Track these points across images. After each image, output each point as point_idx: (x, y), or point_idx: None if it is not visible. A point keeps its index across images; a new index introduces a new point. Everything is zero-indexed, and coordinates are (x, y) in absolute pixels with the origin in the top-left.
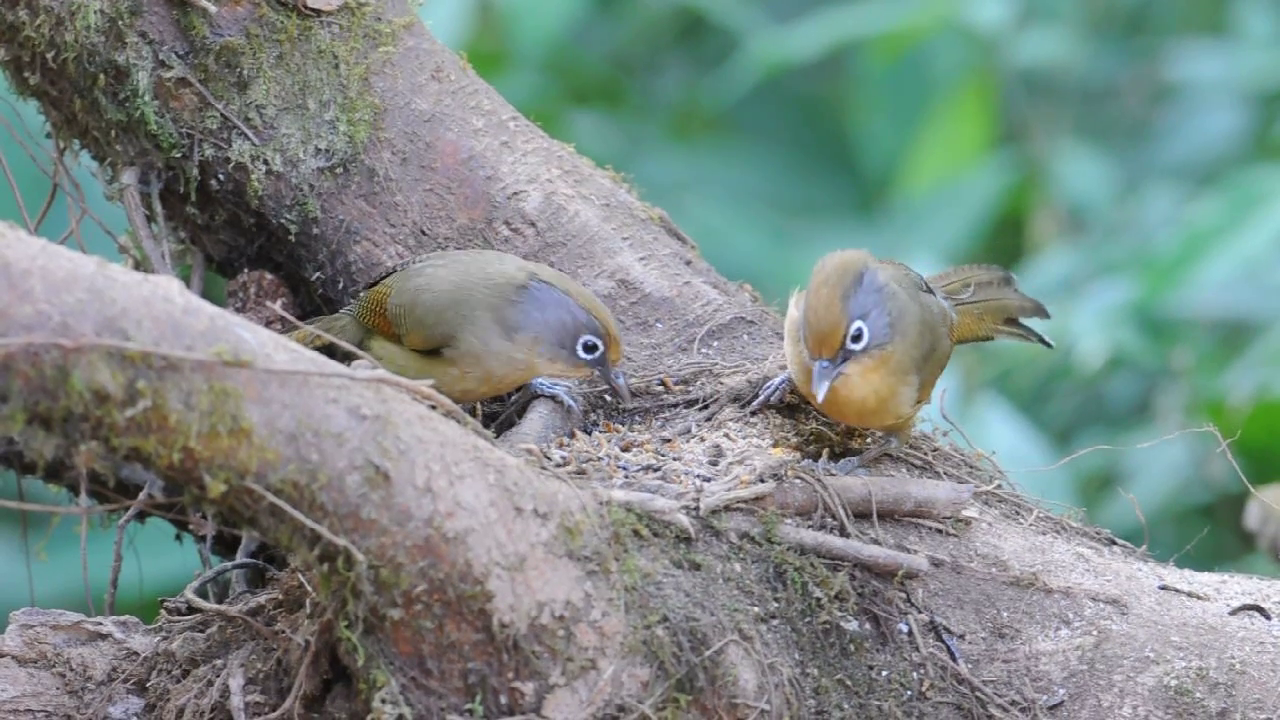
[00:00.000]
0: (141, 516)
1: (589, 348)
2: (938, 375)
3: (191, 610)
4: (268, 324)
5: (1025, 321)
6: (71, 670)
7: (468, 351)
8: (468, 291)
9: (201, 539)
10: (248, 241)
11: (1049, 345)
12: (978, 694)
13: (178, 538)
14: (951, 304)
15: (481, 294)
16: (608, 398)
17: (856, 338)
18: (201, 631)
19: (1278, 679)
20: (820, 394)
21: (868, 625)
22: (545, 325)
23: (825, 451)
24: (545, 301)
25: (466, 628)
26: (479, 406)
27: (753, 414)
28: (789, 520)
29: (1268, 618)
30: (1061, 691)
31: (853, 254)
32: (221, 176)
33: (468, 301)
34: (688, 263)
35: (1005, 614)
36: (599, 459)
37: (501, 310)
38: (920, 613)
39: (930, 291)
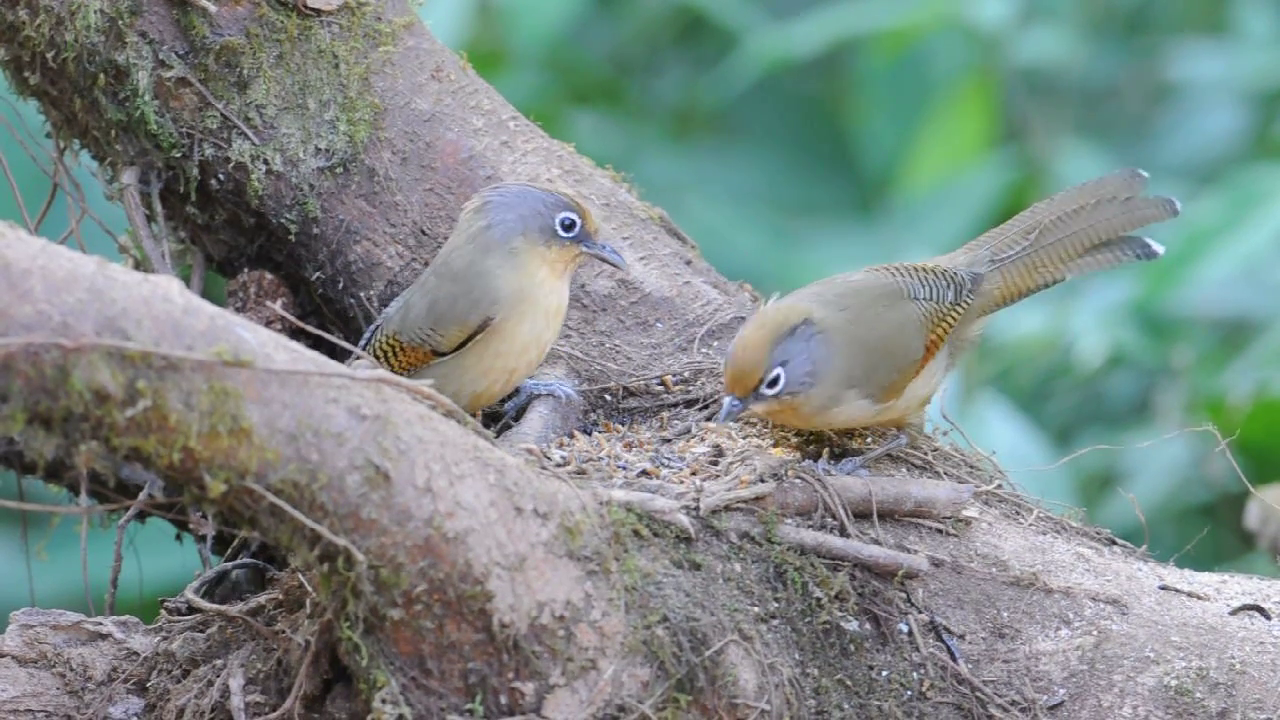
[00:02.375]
0: (141, 516)
1: (567, 225)
2: (903, 377)
3: (191, 610)
4: (268, 324)
5: (1132, 234)
6: (71, 670)
7: (509, 300)
8: (456, 259)
9: (201, 539)
10: (248, 241)
11: (1153, 255)
12: (978, 694)
13: (178, 538)
14: (989, 267)
15: (467, 250)
16: (608, 397)
17: (773, 383)
18: (201, 631)
19: (1278, 679)
20: (720, 423)
21: (868, 625)
22: (523, 220)
23: (825, 451)
24: (510, 201)
25: (466, 628)
26: None
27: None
28: (789, 520)
29: (1268, 618)
30: (1061, 691)
31: (800, 306)
32: (221, 176)
33: (467, 267)
34: (688, 263)
35: (1005, 614)
36: (599, 459)
37: (487, 242)
38: (920, 613)
39: (929, 298)
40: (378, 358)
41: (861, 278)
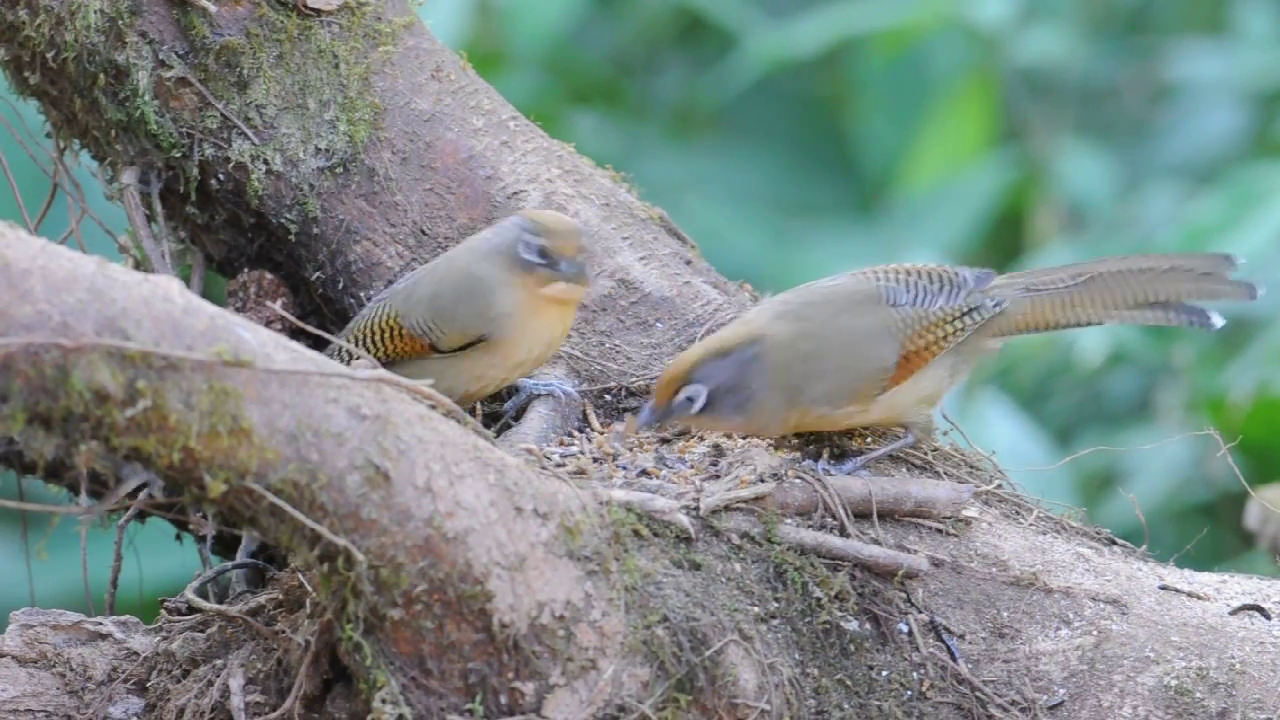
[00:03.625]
0: (141, 516)
1: (529, 247)
2: (870, 384)
3: (191, 610)
4: (268, 324)
5: (1195, 303)
6: (71, 670)
7: (504, 322)
8: (462, 255)
9: (201, 539)
10: (248, 241)
11: (1209, 327)
12: (978, 694)
13: (178, 538)
14: (1021, 294)
15: (472, 250)
16: (608, 397)
17: (690, 400)
18: (201, 631)
19: (1278, 679)
20: (625, 432)
21: (868, 625)
22: (502, 241)
23: (825, 451)
24: (499, 226)
25: (466, 628)
26: (479, 406)
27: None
28: (789, 520)
29: (1268, 618)
30: (1061, 691)
31: (754, 327)
32: (221, 176)
33: (467, 267)
34: (688, 262)
35: (1005, 614)
36: (599, 459)
37: (490, 249)
38: (920, 613)
39: (912, 303)
40: (369, 334)
41: (840, 283)
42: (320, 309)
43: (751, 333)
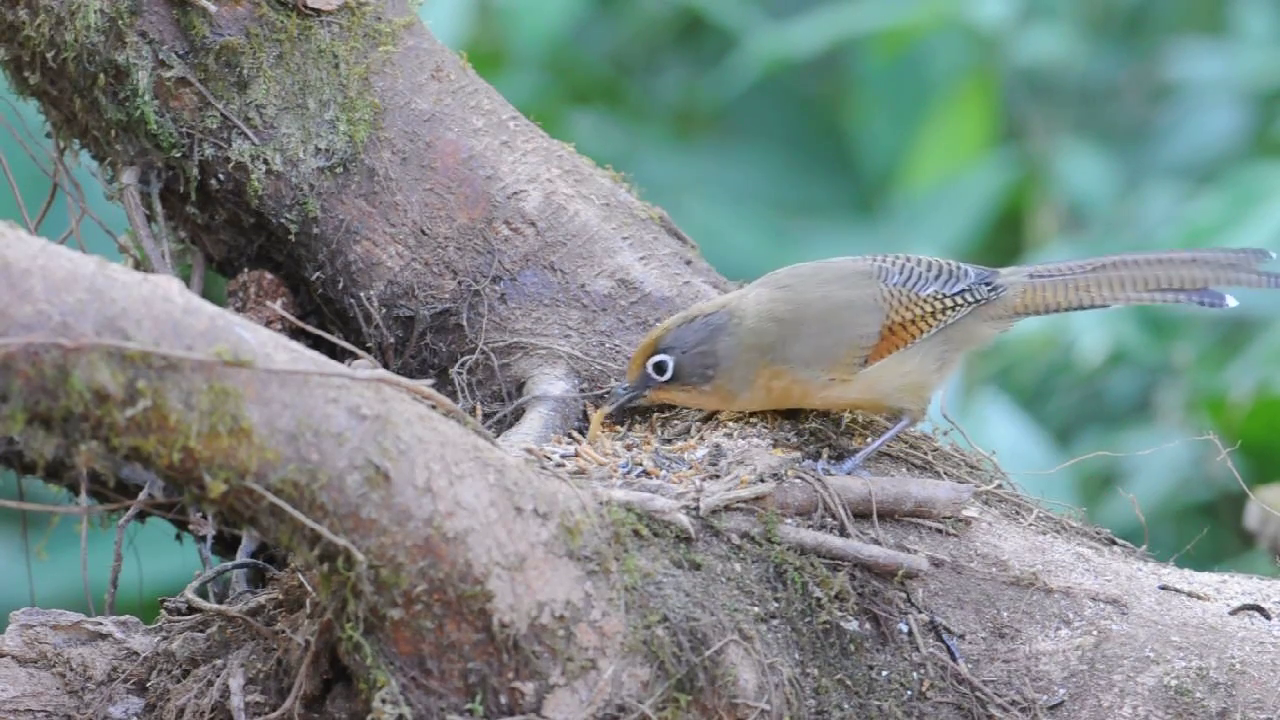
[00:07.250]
0: (141, 516)
1: None
2: (852, 352)
3: (191, 610)
4: (268, 324)
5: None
6: (71, 670)
7: None
8: None
9: (201, 539)
10: (248, 241)
11: (1221, 306)
12: (978, 694)
13: (178, 538)
14: (1023, 280)
15: None
16: (608, 396)
17: (660, 369)
18: (201, 631)
19: (1278, 679)
20: (598, 418)
21: (868, 625)
22: None
23: (825, 451)
24: None
25: (466, 628)
26: (479, 406)
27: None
28: (789, 520)
29: (1268, 618)
30: (1061, 691)
31: (730, 296)
32: (221, 176)
33: None
34: (688, 262)
35: (1005, 614)
36: (599, 459)
37: None
38: (920, 613)
39: (901, 283)
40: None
41: (838, 261)
42: (320, 309)
43: (725, 301)
